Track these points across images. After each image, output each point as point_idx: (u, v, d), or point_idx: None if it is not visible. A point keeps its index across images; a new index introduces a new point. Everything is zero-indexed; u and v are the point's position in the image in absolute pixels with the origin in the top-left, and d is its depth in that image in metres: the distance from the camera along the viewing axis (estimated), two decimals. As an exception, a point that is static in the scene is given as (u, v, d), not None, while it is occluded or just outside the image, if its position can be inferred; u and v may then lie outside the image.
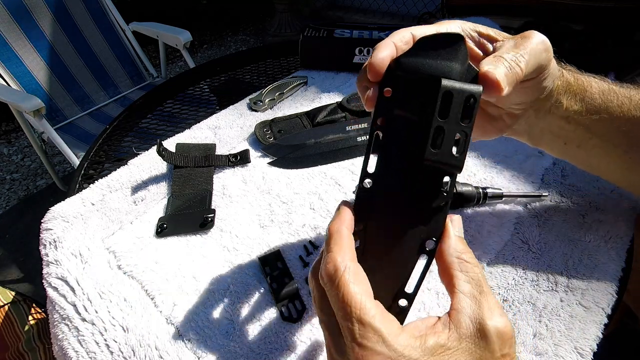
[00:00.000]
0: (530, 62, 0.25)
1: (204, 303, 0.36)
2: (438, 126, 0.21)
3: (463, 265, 0.23)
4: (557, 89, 0.31)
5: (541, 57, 0.26)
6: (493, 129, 0.33)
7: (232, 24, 3.09)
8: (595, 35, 1.38)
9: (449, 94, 0.22)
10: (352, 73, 0.73)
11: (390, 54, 0.24)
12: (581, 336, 0.33)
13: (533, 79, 0.27)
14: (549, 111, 0.32)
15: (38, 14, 1.19)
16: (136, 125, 0.67)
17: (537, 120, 0.33)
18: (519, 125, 0.33)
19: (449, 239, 0.23)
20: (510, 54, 0.25)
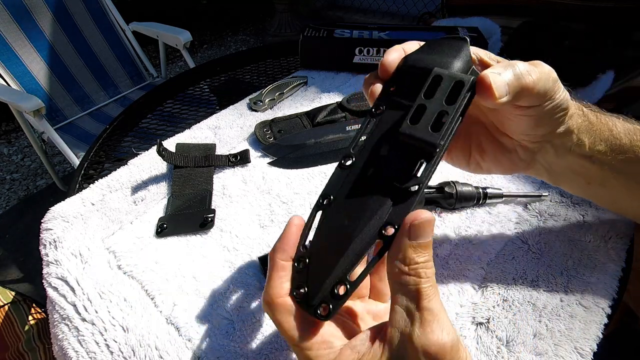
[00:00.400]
0: (541, 79, 0.25)
1: (204, 303, 0.36)
2: (420, 104, 0.22)
3: (403, 277, 0.21)
4: (578, 127, 0.30)
5: (548, 84, 0.26)
6: (507, 161, 0.32)
7: (232, 24, 3.09)
8: (595, 35, 1.38)
9: (438, 77, 0.23)
10: (352, 73, 0.73)
11: (399, 56, 0.26)
12: (581, 336, 0.33)
13: (536, 106, 0.27)
14: (569, 150, 0.31)
15: (38, 14, 1.19)
16: (136, 125, 0.67)
17: (557, 159, 0.32)
18: (537, 162, 0.32)
19: (396, 241, 0.21)
20: (523, 64, 0.25)
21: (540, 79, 0.25)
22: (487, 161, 0.33)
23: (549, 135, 0.29)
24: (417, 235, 0.20)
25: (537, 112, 0.27)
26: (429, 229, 0.21)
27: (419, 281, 0.20)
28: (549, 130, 0.29)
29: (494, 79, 0.23)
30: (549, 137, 0.30)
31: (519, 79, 0.24)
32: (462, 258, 0.39)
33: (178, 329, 0.34)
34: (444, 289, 0.37)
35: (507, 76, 0.24)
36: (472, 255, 0.39)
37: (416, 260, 0.20)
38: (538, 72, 0.25)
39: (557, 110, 0.28)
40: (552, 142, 0.30)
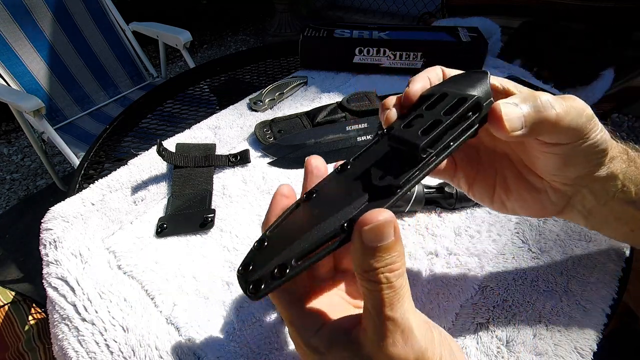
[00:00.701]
0: (568, 114, 0.22)
1: (204, 303, 0.36)
2: (419, 114, 0.22)
3: (362, 282, 0.19)
4: (623, 172, 0.27)
5: (579, 120, 0.23)
6: (536, 204, 0.29)
7: (232, 24, 3.09)
8: (595, 35, 1.38)
9: (444, 94, 0.22)
10: (352, 73, 0.73)
11: (423, 86, 0.25)
12: (581, 336, 0.33)
13: (566, 144, 0.24)
14: (613, 197, 0.28)
15: (38, 14, 1.19)
16: (136, 125, 0.66)
17: (598, 206, 0.28)
18: (572, 207, 0.29)
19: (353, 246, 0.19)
20: (548, 96, 0.23)
21: (568, 114, 0.22)
22: (512, 201, 0.29)
23: (586, 178, 0.26)
24: (372, 239, 0.18)
25: (566, 151, 0.24)
26: (386, 231, 0.18)
27: (379, 288, 0.18)
28: (585, 172, 0.26)
29: (508, 110, 0.21)
30: (586, 181, 0.27)
31: (539, 111, 0.22)
32: (462, 258, 0.39)
33: (178, 329, 0.34)
34: (444, 289, 0.37)
35: (525, 108, 0.22)
36: (472, 255, 0.39)
37: (374, 265, 0.18)
38: (566, 106, 0.22)
39: (592, 152, 0.24)
40: (590, 186, 0.27)
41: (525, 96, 0.23)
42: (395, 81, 0.70)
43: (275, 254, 0.19)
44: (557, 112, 0.22)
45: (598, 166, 0.26)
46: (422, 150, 0.19)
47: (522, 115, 0.22)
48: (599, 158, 0.25)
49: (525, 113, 0.22)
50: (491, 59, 0.77)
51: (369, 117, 0.57)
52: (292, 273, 0.18)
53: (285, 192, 0.24)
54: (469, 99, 0.21)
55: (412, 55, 0.69)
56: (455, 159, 0.30)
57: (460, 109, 0.21)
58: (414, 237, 0.42)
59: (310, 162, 0.25)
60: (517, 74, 0.70)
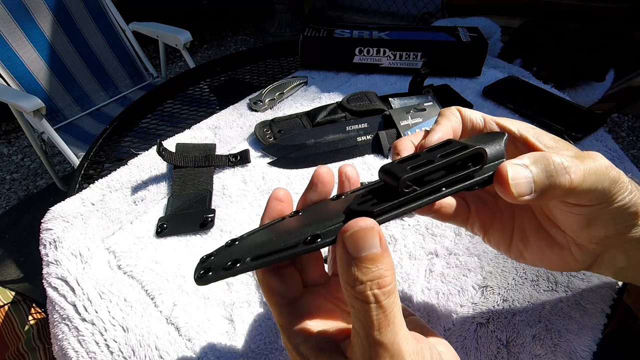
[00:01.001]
0: (587, 180, 0.20)
1: (204, 303, 0.36)
2: (417, 154, 0.21)
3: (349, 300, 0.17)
4: None
5: (602, 185, 0.21)
6: (557, 259, 0.26)
7: (232, 24, 3.09)
8: (595, 35, 1.38)
9: (448, 141, 0.22)
10: (352, 73, 0.73)
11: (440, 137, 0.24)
12: (580, 336, 0.33)
13: (589, 206, 0.22)
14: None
15: (38, 14, 1.19)
16: (136, 125, 0.67)
17: (630, 265, 0.26)
18: (600, 265, 0.26)
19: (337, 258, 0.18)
20: (563, 158, 0.21)
21: (585, 180, 0.20)
22: (530, 253, 0.27)
23: (615, 239, 0.24)
24: (354, 247, 0.17)
25: (588, 212, 0.22)
26: (369, 239, 0.16)
27: (367, 308, 0.16)
28: (613, 233, 0.23)
29: (515, 172, 0.20)
30: (616, 242, 0.24)
31: (551, 176, 0.20)
32: (462, 258, 0.39)
33: (178, 329, 0.34)
34: (444, 288, 0.37)
35: (535, 171, 0.20)
36: (472, 255, 0.39)
37: (360, 278, 0.16)
38: (584, 171, 0.20)
39: (620, 215, 0.22)
40: (621, 247, 0.24)
41: (537, 157, 0.21)
42: (395, 81, 0.70)
43: (237, 252, 0.19)
44: (572, 179, 0.20)
45: (629, 228, 0.23)
46: (403, 183, 0.19)
47: (531, 180, 0.20)
48: (629, 220, 0.23)
49: (535, 177, 0.20)
50: (491, 59, 0.77)
51: (369, 117, 0.57)
52: (241, 268, 0.18)
53: (279, 196, 0.22)
54: (470, 147, 0.20)
55: (412, 55, 0.69)
56: (469, 203, 0.29)
57: (457, 155, 0.20)
58: (414, 237, 0.42)
59: (317, 173, 0.23)
60: (517, 74, 0.70)
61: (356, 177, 0.24)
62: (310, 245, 0.18)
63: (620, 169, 0.22)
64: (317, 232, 0.18)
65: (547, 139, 0.24)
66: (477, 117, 0.26)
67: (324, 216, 0.20)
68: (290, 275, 0.22)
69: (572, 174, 0.20)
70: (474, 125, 0.26)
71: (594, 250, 0.25)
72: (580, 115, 0.59)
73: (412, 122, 0.54)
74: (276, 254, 0.18)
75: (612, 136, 0.58)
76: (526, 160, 0.21)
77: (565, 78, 1.29)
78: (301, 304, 0.22)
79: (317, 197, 0.23)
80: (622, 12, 1.43)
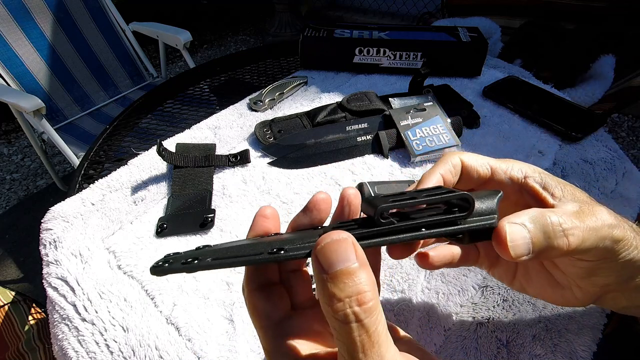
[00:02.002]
0: (587, 241, 0.20)
1: (204, 303, 0.36)
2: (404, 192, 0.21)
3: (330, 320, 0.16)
4: None
5: (603, 244, 0.21)
6: (559, 297, 0.26)
7: (232, 24, 3.09)
8: (595, 35, 1.38)
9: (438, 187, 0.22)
10: (352, 73, 0.73)
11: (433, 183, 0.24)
12: (580, 336, 0.33)
13: (591, 261, 0.22)
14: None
15: (38, 14, 1.19)
16: (136, 125, 0.67)
17: (630, 306, 0.26)
18: (601, 303, 0.27)
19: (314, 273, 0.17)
20: (562, 217, 0.20)
21: (585, 240, 0.20)
22: (532, 288, 0.27)
23: (616, 286, 0.24)
24: (328, 260, 0.16)
25: (590, 266, 0.23)
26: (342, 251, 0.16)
27: (348, 329, 0.15)
28: (615, 282, 0.24)
29: (513, 233, 0.20)
30: (617, 288, 0.24)
31: (549, 238, 0.20)
32: (462, 258, 0.39)
33: (178, 329, 0.34)
34: (444, 288, 0.37)
35: (533, 232, 0.20)
36: (472, 255, 0.39)
37: (337, 295, 0.15)
38: (583, 231, 0.20)
39: (623, 268, 0.23)
40: (623, 292, 0.25)
41: (535, 217, 0.21)
42: (395, 81, 0.70)
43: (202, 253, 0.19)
44: (570, 243, 0.20)
45: (632, 278, 0.23)
46: (379, 212, 0.18)
47: (529, 241, 0.20)
48: (632, 272, 0.23)
49: (533, 238, 0.20)
50: (491, 59, 0.77)
51: (369, 117, 0.57)
52: (198, 265, 0.18)
53: (265, 213, 0.21)
54: (457, 192, 0.20)
55: (412, 55, 0.69)
56: (479, 247, 0.28)
57: (442, 195, 0.20)
58: (414, 237, 0.42)
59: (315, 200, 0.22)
60: (517, 74, 0.70)
61: (357, 205, 0.22)
62: (274, 255, 0.17)
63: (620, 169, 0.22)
64: (284, 246, 0.17)
65: (553, 186, 0.23)
66: (483, 165, 0.25)
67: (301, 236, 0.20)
68: (278, 294, 0.21)
69: (569, 236, 0.20)
70: (480, 175, 0.25)
71: (595, 293, 0.25)
72: (580, 115, 0.59)
73: (412, 122, 0.54)
74: (237, 257, 0.18)
75: (612, 136, 0.58)
76: (524, 218, 0.20)
77: (565, 78, 1.29)
78: (288, 325, 0.20)
79: (308, 222, 0.22)
80: (622, 12, 1.43)
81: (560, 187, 0.24)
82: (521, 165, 0.25)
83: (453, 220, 0.20)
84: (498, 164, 0.25)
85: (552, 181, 0.24)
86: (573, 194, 0.23)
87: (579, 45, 1.36)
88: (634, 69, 1.32)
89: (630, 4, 1.40)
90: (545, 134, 0.57)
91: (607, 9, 1.46)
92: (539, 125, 0.58)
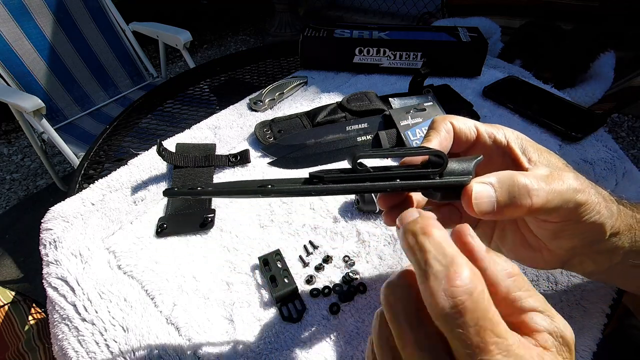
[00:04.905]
0: (550, 202, 0.22)
1: (204, 303, 0.36)
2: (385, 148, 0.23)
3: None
4: (632, 244, 0.26)
5: (567, 206, 0.22)
6: (529, 259, 0.28)
7: (232, 24, 3.09)
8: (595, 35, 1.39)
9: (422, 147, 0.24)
10: (352, 73, 0.73)
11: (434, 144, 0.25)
12: (580, 336, 0.33)
13: (555, 222, 0.24)
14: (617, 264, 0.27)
15: (38, 14, 1.19)
16: (136, 125, 0.67)
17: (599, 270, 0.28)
18: (570, 267, 0.28)
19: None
20: (529, 179, 0.22)
21: (549, 202, 0.22)
22: (506, 249, 0.29)
23: (582, 249, 0.25)
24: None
25: (555, 227, 0.24)
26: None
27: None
28: (580, 245, 0.25)
29: (479, 191, 0.21)
30: (583, 251, 0.26)
31: (513, 197, 0.21)
32: (462, 258, 0.39)
33: (178, 329, 0.34)
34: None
35: (499, 190, 0.21)
36: (472, 255, 0.39)
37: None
38: (547, 192, 0.22)
39: (586, 231, 0.24)
40: (588, 256, 0.26)
41: (503, 177, 0.22)
42: (395, 81, 0.70)
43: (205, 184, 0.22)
44: (533, 203, 0.21)
45: (595, 242, 0.25)
46: (356, 159, 0.20)
47: (494, 199, 0.21)
48: (595, 236, 0.24)
49: (498, 196, 0.21)
50: (491, 59, 0.77)
51: (369, 117, 0.57)
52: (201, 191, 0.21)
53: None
54: (431, 149, 0.22)
55: (412, 55, 0.69)
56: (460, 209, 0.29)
57: (416, 150, 0.22)
58: (414, 237, 0.42)
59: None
60: (517, 74, 0.70)
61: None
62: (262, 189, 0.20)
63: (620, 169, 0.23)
64: (274, 184, 0.21)
65: (531, 152, 0.25)
66: (470, 129, 0.26)
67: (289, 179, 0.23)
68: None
69: (533, 197, 0.21)
70: (468, 137, 0.26)
71: (562, 256, 0.26)
72: (580, 115, 0.59)
73: (412, 122, 0.54)
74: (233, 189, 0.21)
75: (612, 136, 0.58)
76: (492, 179, 0.22)
77: (565, 78, 1.29)
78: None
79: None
80: (622, 12, 1.43)
81: (537, 153, 0.25)
82: (506, 130, 0.27)
83: (426, 174, 0.22)
84: (484, 127, 0.27)
85: (531, 147, 0.25)
86: (549, 159, 0.25)
87: (579, 45, 1.36)
88: (634, 69, 1.32)
89: (630, 4, 1.40)
90: (545, 134, 0.57)
91: (607, 9, 1.46)
92: (539, 125, 0.58)
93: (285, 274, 0.38)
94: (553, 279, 0.37)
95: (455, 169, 0.22)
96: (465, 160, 0.23)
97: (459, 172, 0.22)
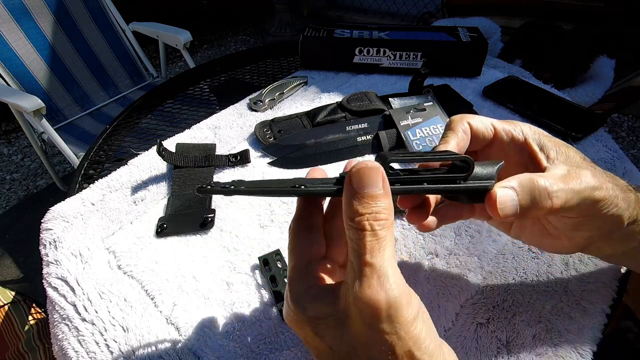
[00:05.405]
0: (570, 201, 0.23)
1: (204, 303, 0.36)
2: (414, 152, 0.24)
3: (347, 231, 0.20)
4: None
5: (585, 203, 0.23)
6: (548, 246, 0.29)
7: (232, 24, 3.09)
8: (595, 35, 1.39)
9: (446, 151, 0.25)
10: (352, 73, 0.73)
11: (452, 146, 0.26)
12: (580, 336, 0.33)
13: (575, 217, 0.25)
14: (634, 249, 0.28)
15: (38, 14, 1.19)
16: (136, 125, 0.66)
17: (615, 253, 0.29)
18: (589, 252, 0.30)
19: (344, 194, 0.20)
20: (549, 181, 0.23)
21: (568, 201, 0.23)
22: (526, 237, 0.30)
23: (599, 237, 0.27)
24: (358, 183, 0.19)
25: (574, 221, 0.25)
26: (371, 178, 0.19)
27: (362, 234, 0.19)
28: (598, 235, 0.26)
29: (503, 197, 0.22)
30: (601, 239, 0.27)
31: (534, 199, 0.23)
32: (462, 258, 0.39)
33: (178, 329, 0.34)
34: (444, 289, 0.37)
35: (520, 195, 0.23)
36: (472, 255, 0.39)
37: (360, 211, 0.19)
38: (566, 193, 0.23)
39: (604, 224, 0.25)
40: (606, 242, 0.27)
41: (524, 181, 0.23)
42: (395, 81, 0.70)
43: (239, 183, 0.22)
44: (553, 204, 0.23)
45: (613, 232, 0.26)
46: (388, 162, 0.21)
47: (517, 203, 0.23)
48: (612, 227, 0.25)
49: (520, 200, 0.23)
50: (491, 59, 0.77)
51: (369, 117, 0.57)
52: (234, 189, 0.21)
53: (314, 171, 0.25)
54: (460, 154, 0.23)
55: (412, 55, 0.69)
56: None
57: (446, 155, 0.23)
58: (414, 237, 0.42)
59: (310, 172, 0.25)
60: (517, 74, 0.70)
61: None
62: (295, 189, 0.20)
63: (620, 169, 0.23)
64: (306, 184, 0.21)
65: (549, 148, 0.26)
66: (487, 127, 0.27)
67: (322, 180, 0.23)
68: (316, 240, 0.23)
69: (554, 198, 0.23)
70: (485, 136, 0.27)
71: (581, 243, 0.28)
72: (580, 115, 0.59)
73: (412, 122, 0.54)
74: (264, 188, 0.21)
75: (612, 136, 0.57)
76: (514, 182, 0.23)
77: (565, 78, 1.29)
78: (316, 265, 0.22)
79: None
80: (622, 12, 1.43)
81: (555, 148, 0.26)
82: (523, 126, 0.27)
83: (453, 179, 0.22)
84: (501, 125, 0.27)
85: (549, 142, 0.26)
86: (567, 154, 0.26)
87: (579, 45, 1.36)
88: (634, 69, 1.32)
89: (630, 4, 1.40)
90: (545, 134, 0.57)
91: (607, 9, 1.46)
92: (539, 125, 0.58)
93: (285, 274, 0.38)
94: (553, 279, 0.37)
95: (479, 173, 0.23)
96: (489, 165, 0.24)
97: (483, 177, 0.23)
